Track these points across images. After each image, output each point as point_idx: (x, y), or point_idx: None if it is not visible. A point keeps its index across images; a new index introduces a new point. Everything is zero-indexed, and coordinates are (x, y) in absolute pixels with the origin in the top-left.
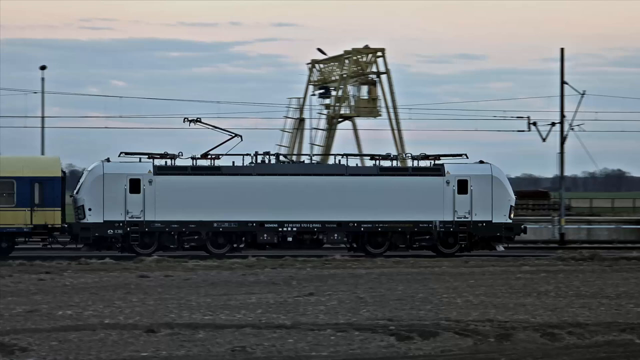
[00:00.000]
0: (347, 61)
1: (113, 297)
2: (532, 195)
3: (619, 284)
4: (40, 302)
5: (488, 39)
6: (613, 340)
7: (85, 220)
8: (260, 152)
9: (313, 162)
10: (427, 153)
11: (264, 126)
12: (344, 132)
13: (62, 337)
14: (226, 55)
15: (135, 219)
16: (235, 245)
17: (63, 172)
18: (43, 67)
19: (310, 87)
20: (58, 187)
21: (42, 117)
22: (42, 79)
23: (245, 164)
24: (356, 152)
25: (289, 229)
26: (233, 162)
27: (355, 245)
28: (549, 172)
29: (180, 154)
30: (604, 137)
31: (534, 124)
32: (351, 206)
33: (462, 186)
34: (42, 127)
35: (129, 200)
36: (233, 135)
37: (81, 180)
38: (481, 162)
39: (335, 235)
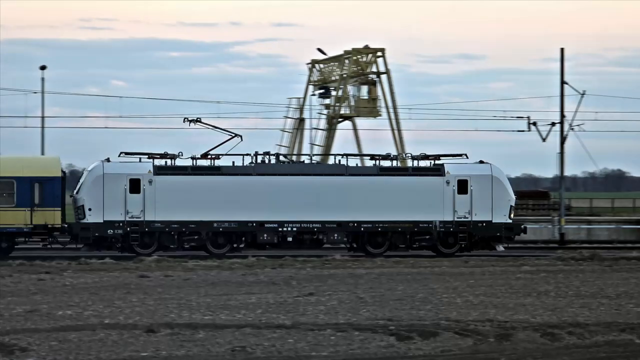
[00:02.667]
0: (347, 61)
1: (113, 297)
2: (532, 195)
3: (619, 284)
4: (40, 302)
5: (488, 39)
6: (613, 340)
7: (85, 220)
8: (260, 152)
9: (313, 162)
10: (427, 153)
11: (264, 126)
12: (344, 132)
13: (62, 337)
14: (226, 55)
15: (135, 219)
16: (235, 245)
17: (63, 172)
18: (43, 67)
19: (310, 87)
20: (58, 187)
21: (42, 117)
22: (42, 79)
23: (245, 164)
24: (356, 152)
25: (289, 229)
26: (233, 162)
27: (355, 245)
28: (549, 172)
29: (180, 154)
30: (604, 137)
31: (534, 124)
32: (351, 206)
33: (462, 186)
34: (42, 127)
35: (129, 200)
36: (233, 135)
37: (81, 180)
38: (481, 162)
39: (335, 235)
